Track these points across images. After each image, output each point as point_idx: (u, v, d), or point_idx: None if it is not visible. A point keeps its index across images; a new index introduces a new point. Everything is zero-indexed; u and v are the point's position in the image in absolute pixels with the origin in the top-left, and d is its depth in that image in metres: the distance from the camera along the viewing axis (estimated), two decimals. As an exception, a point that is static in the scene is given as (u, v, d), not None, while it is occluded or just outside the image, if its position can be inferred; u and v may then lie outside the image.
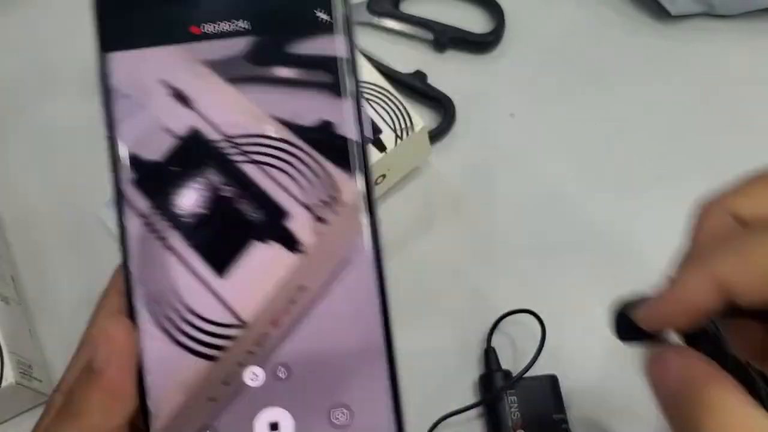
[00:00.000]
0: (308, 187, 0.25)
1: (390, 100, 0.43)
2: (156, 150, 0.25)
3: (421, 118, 0.43)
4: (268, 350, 0.24)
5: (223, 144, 0.25)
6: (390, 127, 0.43)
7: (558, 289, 0.42)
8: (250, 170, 0.25)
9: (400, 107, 0.43)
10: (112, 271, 0.26)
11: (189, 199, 0.25)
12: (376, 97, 0.43)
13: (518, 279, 0.43)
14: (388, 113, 0.43)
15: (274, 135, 0.25)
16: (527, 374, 0.39)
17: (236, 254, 0.25)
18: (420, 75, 0.48)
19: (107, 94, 0.25)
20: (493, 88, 0.49)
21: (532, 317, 0.40)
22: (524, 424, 0.38)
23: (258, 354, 0.24)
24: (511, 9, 0.50)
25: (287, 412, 0.24)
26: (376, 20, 0.50)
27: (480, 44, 0.49)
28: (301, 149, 0.25)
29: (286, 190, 0.25)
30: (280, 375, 0.24)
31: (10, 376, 0.38)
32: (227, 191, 0.25)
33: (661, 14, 0.49)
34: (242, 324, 0.24)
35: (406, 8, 0.51)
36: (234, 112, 0.25)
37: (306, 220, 0.25)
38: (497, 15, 0.50)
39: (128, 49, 0.25)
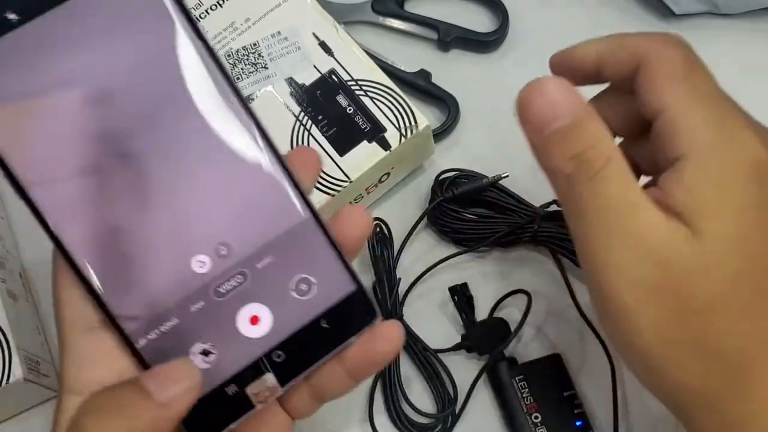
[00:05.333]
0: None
1: (394, 98, 0.43)
2: None
3: (425, 117, 0.43)
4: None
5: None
6: (394, 125, 0.43)
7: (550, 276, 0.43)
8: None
9: (405, 106, 0.43)
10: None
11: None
12: (381, 95, 0.43)
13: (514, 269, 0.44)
14: (392, 112, 0.43)
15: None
16: (531, 358, 0.40)
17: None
18: (424, 74, 0.49)
19: None
20: (497, 86, 0.49)
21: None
22: (538, 406, 0.39)
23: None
24: (515, 8, 0.50)
25: (260, 303, 0.28)
26: (380, 19, 0.51)
27: (484, 43, 0.50)
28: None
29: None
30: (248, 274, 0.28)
31: (18, 371, 0.38)
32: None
33: (665, 13, 0.49)
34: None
35: (410, 7, 0.51)
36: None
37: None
38: (501, 14, 0.50)
39: None
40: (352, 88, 0.44)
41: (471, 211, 0.44)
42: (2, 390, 0.38)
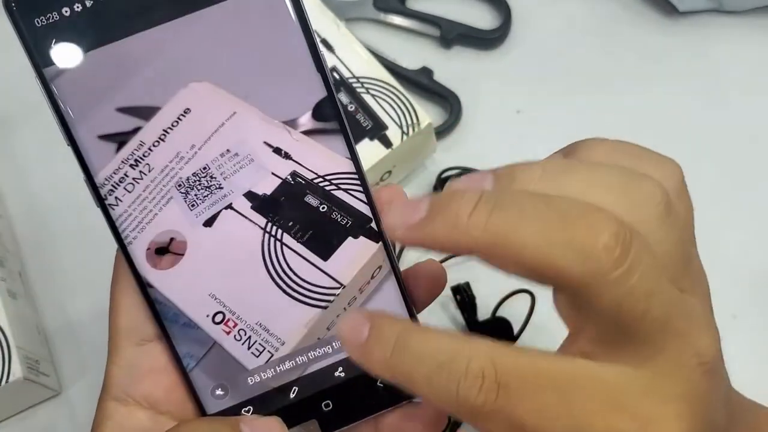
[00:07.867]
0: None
1: (396, 96, 0.43)
2: None
3: (427, 115, 0.43)
4: None
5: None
6: (396, 123, 0.43)
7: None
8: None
9: (406, 103, 0.43)
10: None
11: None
12: (382, 93, 0.43)
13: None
14: (394, 109, 0.43)
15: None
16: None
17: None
18: (426, 71, 0.48)
19: None
20: (500, 84, 0.49)
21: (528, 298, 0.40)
22: None
23: None
24: (517, 5, 0.50)
25: None
26: (382, 16, 0.50)
27: (486, 40, 0.49)
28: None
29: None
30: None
31: (17, 371, 0.38)
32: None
33: (669, 10, 0.49)
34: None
35: (413, 4, 0.51)
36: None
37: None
38: (504, 11, 0.50)
39: None
40: (354, 85, 0.43)
41: (473, 209, 0.44)
42: (2, 389, 0.38)
